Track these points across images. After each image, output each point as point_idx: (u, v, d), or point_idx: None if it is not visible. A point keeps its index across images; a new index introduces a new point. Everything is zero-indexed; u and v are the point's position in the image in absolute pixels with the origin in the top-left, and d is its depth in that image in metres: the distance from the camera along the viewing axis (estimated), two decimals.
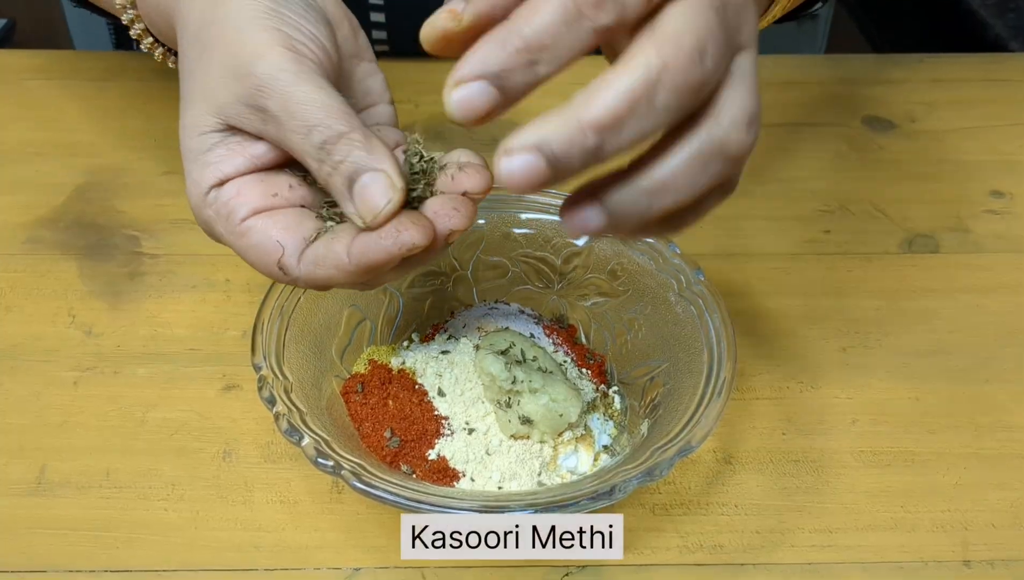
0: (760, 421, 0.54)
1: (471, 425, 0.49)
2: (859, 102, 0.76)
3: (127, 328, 0.58)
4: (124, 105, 0.74)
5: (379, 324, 0.54)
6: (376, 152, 0.40)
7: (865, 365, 0.57)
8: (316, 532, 0.49)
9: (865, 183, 0.69)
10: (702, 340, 0.50)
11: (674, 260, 0.53)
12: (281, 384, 0.47)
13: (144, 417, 0.54)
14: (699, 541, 0.49)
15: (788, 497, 0.51)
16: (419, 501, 0.43)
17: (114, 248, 0.63)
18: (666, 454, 0.44)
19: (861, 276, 0.63)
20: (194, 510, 0.50)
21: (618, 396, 0.53)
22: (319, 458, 0.44)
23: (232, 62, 0.41)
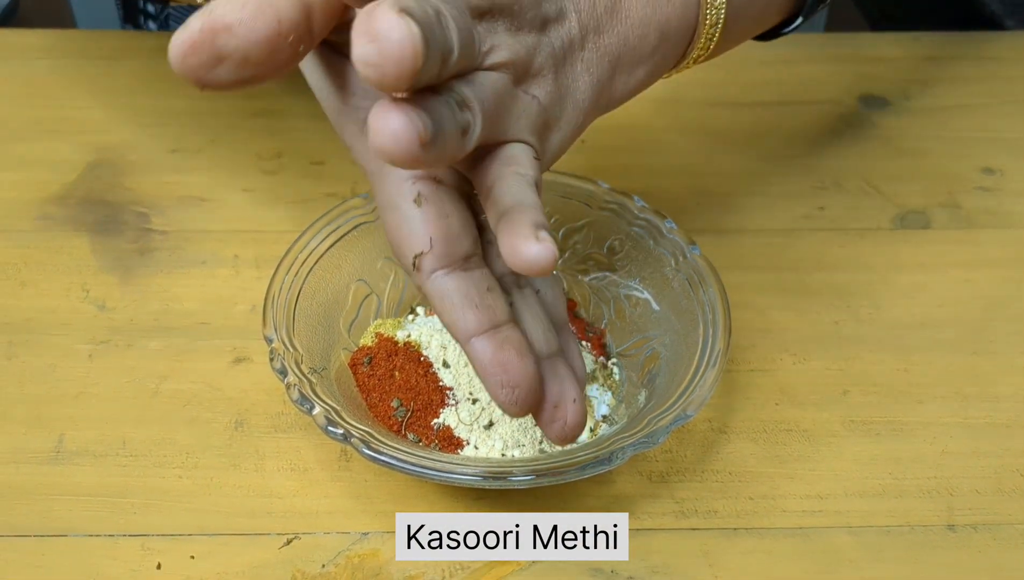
0: (754, 392, 0.56)
1: (475, 395, 0.51)
2: (854, 80, 0.78)
3: (139, 302, 0.61)
4: (131, 83, 0.75)
5: (385, 298, 0.57)
6: None
7: (856, 338, 0.59)
8: (326, 498, 0.52)
9: (859, 160, 0.71)
10: (697, 313, 0.52)
11: (670, 236, 0.55)
12: (292, 355, 0.49)
13: (157, 388, 0.56)
14: (694, 507, 0.51)
15: (780, 465, 0.53)
16: (424, 467, 0.45)
17: (124, 224, 0.65)
18: (662, 422, 0.47)
19: (854, 251, 0.65)
20: (208, 477, 0.52)
21: (617, 367, 0.55)
22: (329, 426, 0.46)
23: None
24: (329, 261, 0.55)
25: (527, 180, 0.40)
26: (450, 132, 0.36)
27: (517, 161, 0.41)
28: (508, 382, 0.40)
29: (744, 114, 0.75)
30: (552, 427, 0.42)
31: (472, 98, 0.38)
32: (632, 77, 0.47)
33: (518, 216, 0.38)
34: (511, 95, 0.41)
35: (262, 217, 0.66)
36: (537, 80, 0.42)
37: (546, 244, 0.36)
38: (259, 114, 0.73)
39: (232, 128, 0.72)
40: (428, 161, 0.35)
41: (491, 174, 0.40)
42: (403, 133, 0.34)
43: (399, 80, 0.33)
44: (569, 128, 0.45)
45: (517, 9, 0.41)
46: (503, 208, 0.39)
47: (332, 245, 0.55)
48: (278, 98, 0.75)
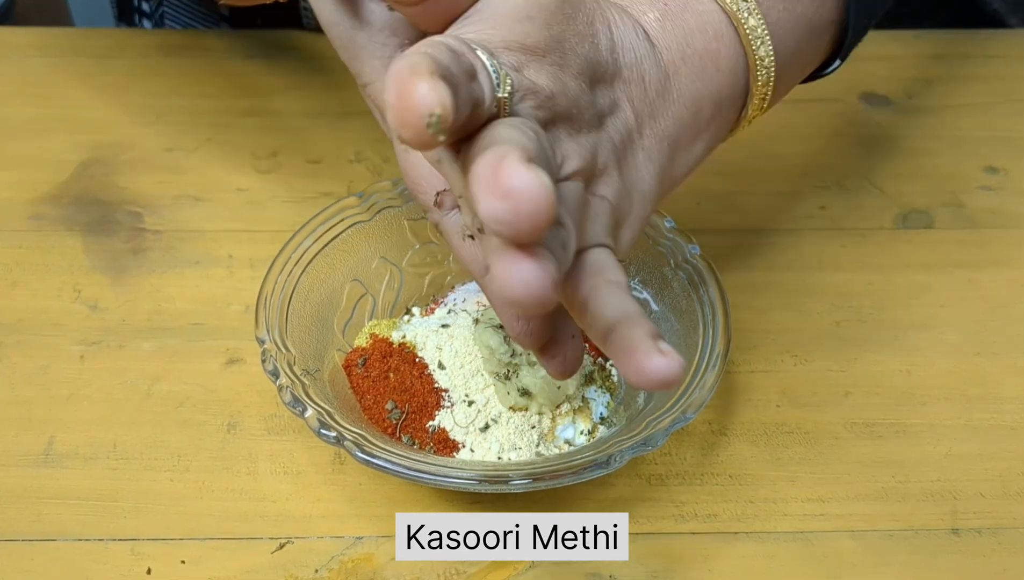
0: (754, 394, 0.56)
1: (470, 397, 0.50)
2: (856, 78, 0.76)
3: (131, 303, 0.60)
4: (126, 82, 0.74)
5: (380, 299, 0.56)
6: None
7: (858, 339, 0.58)
8: (319, 502, 0.51)
9: (861, 159, 0.70)
10: (697, 313, 0.51)
11: (670, 234, 0.54)
12: (284, 357, 0.48)
13: (149, 390, 0.55)
14: (694, 510, 0.50)
15: (781, 468, 0.52)
16: (419, 470, 0.44)
17: (117, 224, 0.64)
18: (661, 424, 0.46)
19: (855, 251, 0.64)
20: (200, 480, 0.51)
21: (615, 369, 0.54)
22: (322, 429, 0.45)
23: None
24: (323, 261, 0.54)
25: (622, 288, 0.37)
26: (561, 261, 0.34)
27: (604, 269, 0.38)
28: (524, 315, 0.39)
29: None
30: (552, 363, 0.41)
31: (564, 214, 0.36)
32: (691, 154, 0.46)
33: (630, 331, 0.35)
34: (585, 202, 0.39)
35: (257, 216, 0.65)
36: (603, 179, 0.40)
37: (671, 357, 0.34)
38: (255, 112, 0.72)
39: (227, 127, 0.71)
40: (554, 303, 0.33)
41: (582, 289, 0.37)
42: (537, 282, 0.32)
43: (534, 235, 0.31)
44: (639, 221, 0.43)
45: (576, 112, 0.39)
46: (608, 323, 0.36)
47: (326, 245, 0.54)
48: (274, 96, 0.74)
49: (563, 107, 0.38)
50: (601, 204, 0.40)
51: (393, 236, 0.56)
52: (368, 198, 0.55)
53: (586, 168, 0.39)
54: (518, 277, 0.32)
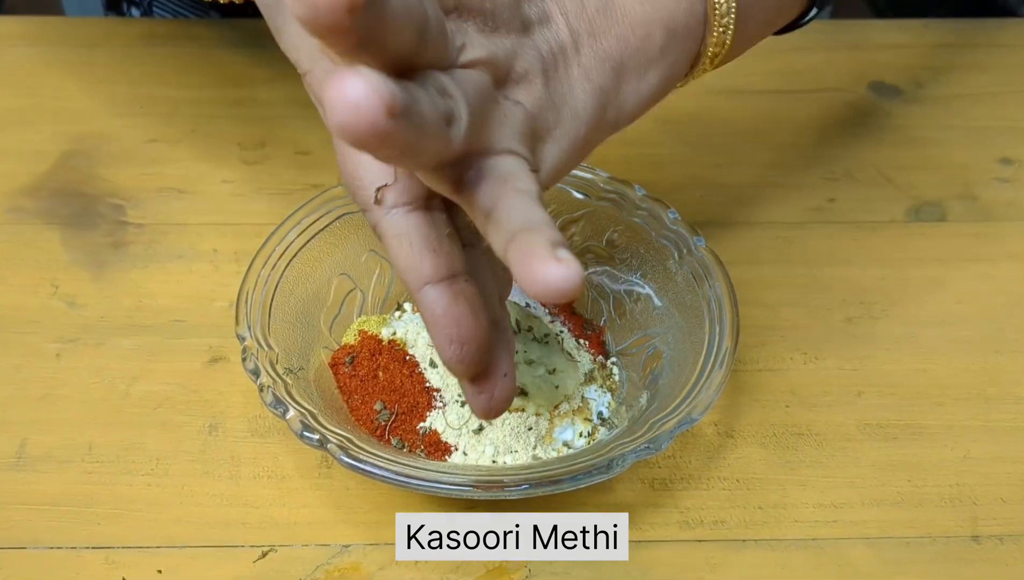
0: (763, 394, 0.52)
1: (464, 397, 0.47)
2: (864, 68, 0.73)
3: (111, 299, 0.57)
4: (111, 72, 0.71)
5: (370, 294, 0.53)
6: None
7: (870, 336, 0.55)
8: (304, 508, 0.47)
9: (871, 150, 0.67)
10: (703, 309, 0.48)
11: (674, 226, 0.51)
12: (266, 355, 0.45)
13: (128, 390, 0.52)
14: (700, 516, 0.47)
15: (791, 471, 0.49)
16: (408, 476, 0.41)
17: (98, 217, 0.61)
18: (666, 426, 0.43)
19: (866, 245, 0.61)
20: (179, 485, 0.48)
21: (617, 367, 0.51)
22: (305, 431, 0.42)
23: None
24: (309, 254, 0.50)
25: (530, 195, 0.35)
26: (429, 115, 0.31)
27: (513, 176, 0.36)
28: (459, 338, 0.37)
29: (748, 103, 0.71)
30: (479, 399, 0.39)
31: (453, 87, 0.34)
32: (643, 83, 0.43)
33: (530, 236, 0.32)
34: (492, 98, 0.37)
35: (243, 209, 0.62)
36: (522, 85, 0.39)
37: (568, 264, 0.31)
38: (242, 103, 0.69)
39: (213, 117, 0.68)
40: (402, 144, 0.29)
41: (487, 195, 0.35)
42: (365, 101, 0.28)
43: (334, 15, 0.27)
44: (568, 140, 0.40)
45: (489, 8, 0.37)
46: (510, 230, 0.33)
47: (313, 237, 0.51)
48: (263, 86, 0.70)
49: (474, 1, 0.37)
50: (514, 108, 0.38)
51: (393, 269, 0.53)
52: None
53: (493, 63, 0.37)
54: (343, 94, 0.28)
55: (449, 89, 0.34)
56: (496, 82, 0.37)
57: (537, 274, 0.31)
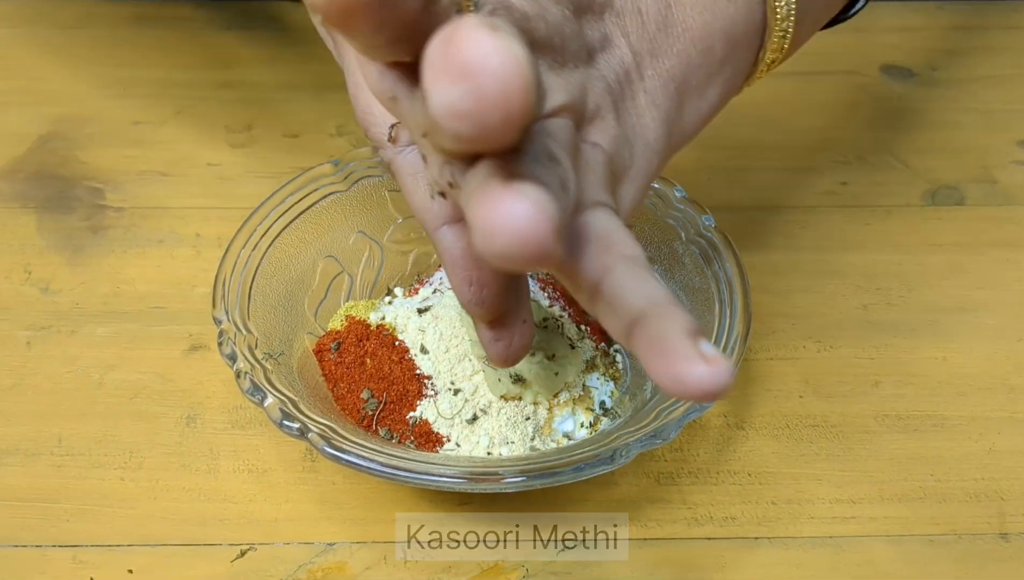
0: (774, 383, 0.49)
1: (456, 385, 0.43)
2: (875, 50, 0.70)
3: (87, 285, 0.53)
4: (93, 53, 0.68)
5: (359, 278, 0.49)
6: None
7: (888, 323, 0.52)
8: (287, 504, 0.44)
9: (884, 133, 0.64)
10: (712, 292, 0.45)
11: (680, 205, 0.48)
12: (244, 339, 0.42)
13: (102, 379, 0.49)
14: (709, 513, 0.44)
15: (806, 465, 0.46)
16: (396, 467, 0.38)
17: (76, 201, 0.58)
18: (673, 415, 0.39)
19: (882, 229, 0.57)
20: (153, 479, 0.45)
21: (620, 355, 0.48)
22: (284, 420, 0.39)
23: None
24: (293, 235, 0.47)
25: (641, 265, 0.29)
26: (560, 197, 0.27)
27: (615, 239, 0.30)
28: (478, 279, 0.35)
29: (756, 85, 0.67)
30: (496, 346, 0.37)
31: (557, 148, 0.29)
32: (704, 100, 0.38)
33: (662, 325, 0.28)
34: (577, 146, 0.32)
35: (228, 192, 0.58)
36: (596, 124, 0.34)
37: (717, 364, 0.27)
38: (230, 84, 0.66)
39: (200, 99, 0.65)
40: (558, 256, 0.25)
41: (591, 267, 0.29)
42: (530, 223, 0.24)
43: (508, 129, 0.23)
44: (644, 177, 0.36)
45: (558, 42, 0.32)
46: (633, 315, 0.28)
47: (297, 217, 0.47)
48: (251, 68, 0.67)
49: (542, 32, 0.31)
50: (595, 152, 0.33)
51: (373, 209, 0.49)
52: (345, 166, 0.49)
53: (574, 106, 0.32)
54: (506, 216, 0.24)
55: (555, 152, 0.29)
56: (575, 124, 0.32)
57: (682, 375, 0.27)
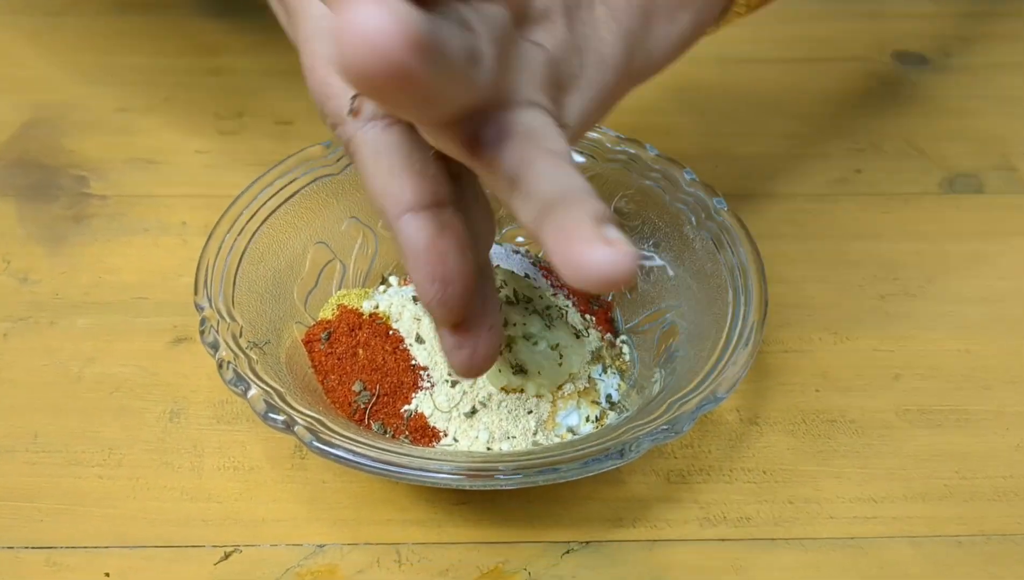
0: (789, 376, 0.46)
1: (454, 376, 0.40)
2: (886, 37, 0.68)
3: (68, 275, 0.50)
4: (78, 40, 0.66)
5: (351, 266, 0.46)
6: None
7: (907, 314, 0.49)
8: (275, 503, 0.41)
9: (898, 120, 0.61)
10: (725, 278, 0.42)
11: (690, 189, 0.45)
12: (228, 327, 0.39)
13: (81, 373, 0.46)
14: (722, 513, 0.41)
15: (825, 462, 0.43)
16: (388, 463, 0.35)
17: (58, 189, 0.55)
18: (686, 406, 0.36)
19: (898, 218, 0.55)
20: (133, 477, 0.42)
21: (627, 346, 0.45)
22: (269, 412, 0.36)
23: None
24: (282, 219, 0.44)
25: (563, 157, 0.29)
26: (455, 51, 0.26)
27: (540, 134, 0.30)
28: (443, 276, 0.31)
29: (762, 72, 0.65)
30: (459, 353, 0.33)
31: (476, 20, 0.28)
32: (674, 25, 0.37)
33: (569, 211, 0.27)
34: (511, 39, 0.31)
35: (216, 180, 0.56)
36: (542, 25, 0.33)
37: (618, 247, 0.26)
38: (220, 71, 0.63)
39: (189, 86, 0.62)
40: (423, 88, 0.24)
41: (511, 158, 0.29)
42: (383, 32, 0.22)
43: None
44: (594, 89, 0.35)
45: None
46: (543, 201, 0.28)
47: (286, 200, 0.45)
48: (243, 54, 0.65)
49: None
50: (534, 51, 0.32)
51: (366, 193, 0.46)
52: (337, 148, 0.46)
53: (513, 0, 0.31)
54: (359, 22, 0.22)
55: (472, 22, 0.28)
56: (515, 19, 0.31)
57: (580, 258, 0.26)
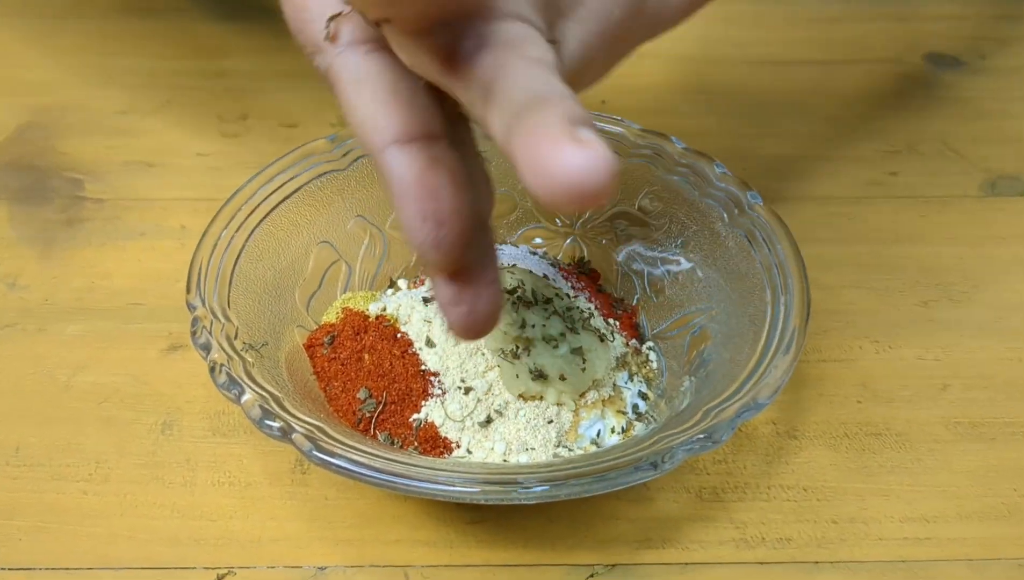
0: (829, 387, 0.42)
1: (468, 382, 0.37)
2: (918, 39, 0.64)
3: (59, 279, 0.47)
4: (80, 43, 0.63)
5: (357, 267, 0.43)
6: None
7: (953, 321, 0.45)
8: (273, 522, 0.38)
9: (934, 122, 0.57)
10: (762, 277, 0.38)
11: (721, 184, 0.41)
12: (222, 328, 0.35)
13: (69, 381, 0.42)
14: (760, 533, 0.37)
15: (870, 479, 0.39)
16: (395, 474, 0.31)
17: (52, 192, 0.52)
18: (724, 414, 0.33)
19: (938, 221, 0.51)
20: (120, 493, 0.39)
21: (654, 353, 0.41)
22: (265, 419, 0.32)
23: None
24: (284, 216, 0.41)
25: (545, 64, 0.26)
26: None
27: (522, 42, 0.26)
28: (435, 214, 0.27)
29: (791, 74, 0.61)
30: (456, 310, 0.29)
31: None
32: None
33: (539, 113, 0.23)
34: None
35: (217, 184, 0.52)
36: None
37: (591, 147, 0.22)
38: (225, 74, 0.60)
39: (192, 88, 0.59)
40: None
41: (486, 67, 0.26)
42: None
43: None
44: (596, 21, 0.30)
45: None
46: (514, 107, 0.24)
47: (288, 197, 0.41)
48: (248, 57, 0.61)
49: None
50: None
51: (374, 190, 0.43)
52: (343, 142, 0.43)
53: None
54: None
55: None
56: None
57: (546, 162, 0.22)
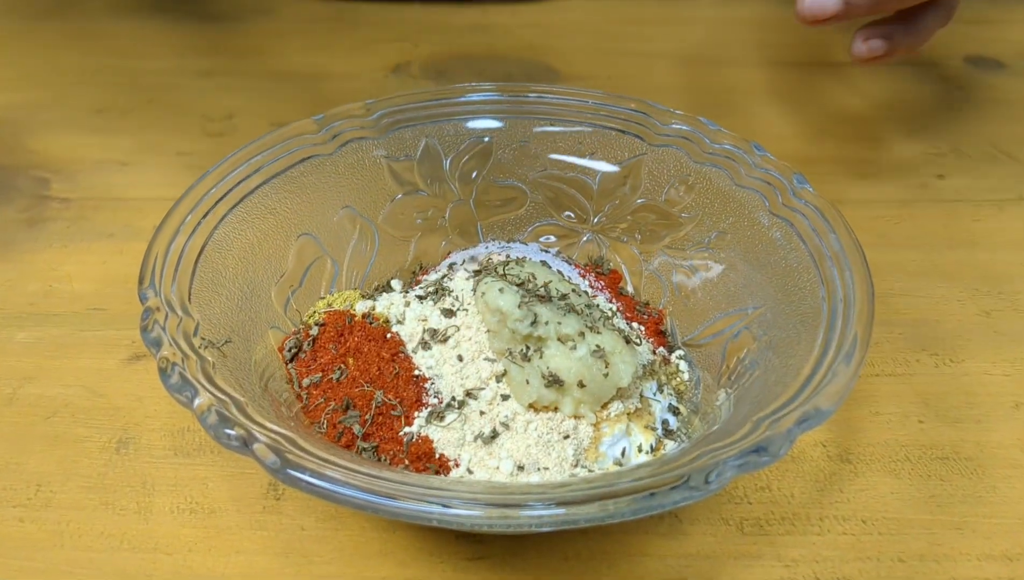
0: (884, 405, 0.36)
1: (469, 389, 0.30)
2: (956, 42, 0.59)
3: (12, 283, 0.41)
4: (60, 43, 0.58)
5: (344, 264, 0.37)
6: None
7: (1020, 332, 0.39)
8: (240, 555, 0.31)
9: (979, 124, 0.52)
10: (814, 273, 0.32)
11: (762, 167, 0.35)
12: (179, 322, 0.29)
13: (14, 394, 0.36)
14: (814, 573, 0.31)
15: (940, 509, 0.33)
16: (380, 493, 0.24)
17: (14, 191, 0.46)
18: (782, 424, 0.26)
19: (994, 226, 0.45)
20: (63, 521, 0.32)
21: (685, 362, 0.35)
22: (223, 427, 0.26)
23: None
24: (259, 202, 0.35)
25: None
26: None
27: None
28: None
29: (823, 76, 0.56)
30: None
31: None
32: None
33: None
34: None
35: None
36: None
37: None
38: (211, 73, 0.55)
39: (176, 87, 0.54)
40: None
41: None
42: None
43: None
44: None
45: None
46: None
47: (266, 181, 0.35)
48: (236, 57, 0.57)
49: None
50: None
51: (365, 179, 0.37)
52: (330, 124, 0.37)
53: None
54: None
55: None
56: None
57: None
